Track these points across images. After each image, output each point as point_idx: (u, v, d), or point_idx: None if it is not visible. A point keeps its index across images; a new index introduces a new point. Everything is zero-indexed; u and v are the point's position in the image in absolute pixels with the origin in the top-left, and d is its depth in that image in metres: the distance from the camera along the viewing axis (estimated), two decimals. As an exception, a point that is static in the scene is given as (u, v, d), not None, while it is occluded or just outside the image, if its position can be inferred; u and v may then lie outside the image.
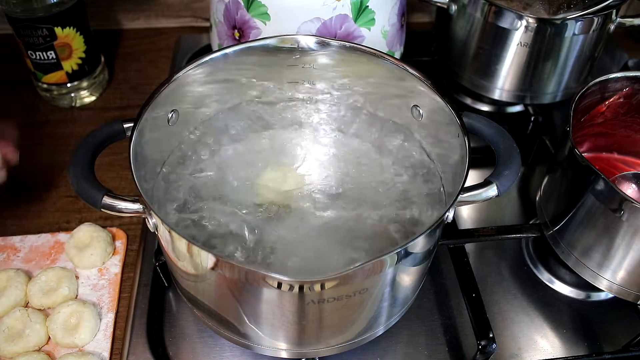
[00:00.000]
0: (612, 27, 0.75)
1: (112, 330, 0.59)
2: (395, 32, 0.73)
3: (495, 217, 0.73)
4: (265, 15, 0.67)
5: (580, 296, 0.65)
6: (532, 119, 0.80)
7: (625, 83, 0.62)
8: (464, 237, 0.66)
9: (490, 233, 0.66)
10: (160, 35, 0.99)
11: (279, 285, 0.42)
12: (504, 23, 0.73)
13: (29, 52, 0.78)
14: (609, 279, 0.58)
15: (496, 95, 0.81)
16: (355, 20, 0.68)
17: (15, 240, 0.66)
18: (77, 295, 0.62)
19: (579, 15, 0.70)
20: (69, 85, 0.83)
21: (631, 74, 0.62)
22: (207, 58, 0.55)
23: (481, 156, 0.67)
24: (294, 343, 0.50)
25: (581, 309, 0.64)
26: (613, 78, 0.61)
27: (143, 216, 0.47)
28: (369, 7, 0.68)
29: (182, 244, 0.45)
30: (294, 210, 0.55)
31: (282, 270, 0.40)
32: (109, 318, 0.60)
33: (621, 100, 0.64)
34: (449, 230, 0.65)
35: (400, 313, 0.55)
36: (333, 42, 0.57)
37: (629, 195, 0.51)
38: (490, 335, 0.56)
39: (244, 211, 0.55)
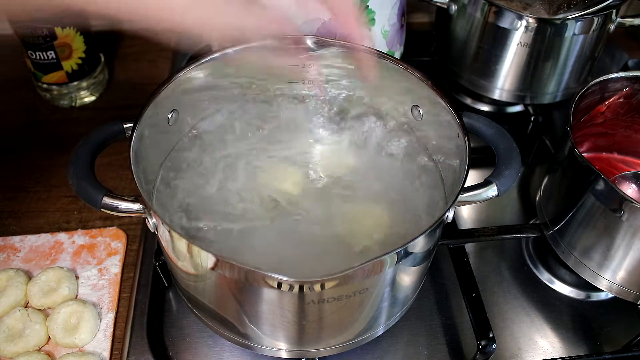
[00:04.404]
0: (612, 27, 0.75)
1: (112, 330, 0.59)
2: (395, 32, 0.73)
3: (495, 217, 0.73)
4: (265, 15, 0.67)
5: (580, 296, 0.65)
6: (532, 119, 0.80)
7: (625, 83, 0.62)
8: (464, 237, 0.66)
9: (490, 233, 0.66)
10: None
11: (279, 285, 0.42)
12: (504, 23, 0.73)
13: (29, 52, 0.78)
14: (609, 279, 0.58)
15: (496, 95, 0.81)
16: (355, 20, 0.68)
17: (15, 240, 0.66)
18: (77, 295, 0.62)
19: (579, 15, 0.70)
20: (69, 85, 0.83)
21: (631, 74, 0.62)
22: (207, 58, 0.55)
23: (481, 156, 0.67)
24: (294, 343, 0.50)
25: (581, 309, 0.64)
26: (613, 78, 0.61)
27: (143, 216, 0.47)
28: (369, 7, 0.68)
29: (182, 244, 0.45)
30: (293, 209, 0.55)
31: (282, 270, 0.40)
32: (109, 318, 0.60)
33: (621, 100, 0.64)
34: (449, 230, 0.65)
35: (400, 313, 0.55)
36: (333, 42, 0.57)
37: (629, 195, 0.51)
38: (490, 335, 0.56)
39: (244, 211, 0.55)
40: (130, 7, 0.43)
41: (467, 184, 0.48)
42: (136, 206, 0.47)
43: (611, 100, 0.64)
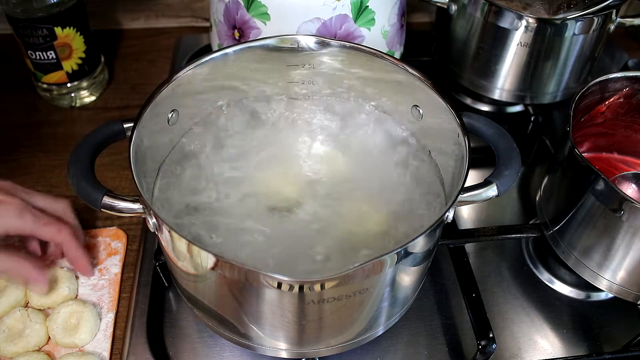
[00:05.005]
0: (612, 27, 0.75)
1: (112, 330, 0.59)
2: (395, 32, 0.73)
3: (495, 217, 0.73)
4: (265, 15, 0.67)
5: (580, 296, 0.65)
6: (532, 119, 0.80)
7: (625, 83, 0.62)
8: (464, 237, 0.66)
9: (490, 233, 0.66)
10: (160, 35, 0.99)
11: (279, 285, 0.42)
12: (504, 23, 0.73)
13: (29, 52, 0.78)
14: (609, 279, 0.58)
15: (496, 95, 0.81)
16: (355, 20, 0.68)
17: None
18: (77, 295, 0.62)
19: (579, 15, 0.70)
20: (69, 85, 0.83)
21: (631, 74, 0.62)
22: (207, 58, 0.55)
23: (481, 156, 0.67)
24: (294, 343, 0.50)
25: (581, 309, 0.64)
26: (613, 78, 0.61)
27: (143, 216, 0.47)
28: (369, 7, 0.68)
29: (182, 244, 0.45)
30: (294, 210, 0.55)
31: (282, 270, 0.40)
32: (109, 318, 0.60)
33: (621, 100, 0.64)
34: (449, 230, 0.65)
35: (400, 313, 0.55)
36: (333, 42, 0.57)
37: (629, 195, 0.51)
38: (490, 335, 0.56)
39: (243, 211, 0.55)
40: None
41: (467, 184, 0.48)
42: (136, 206, 0.47)
43: (611, 100, 0.64)
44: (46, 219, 0.56)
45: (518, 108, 0.87)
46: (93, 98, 0.86)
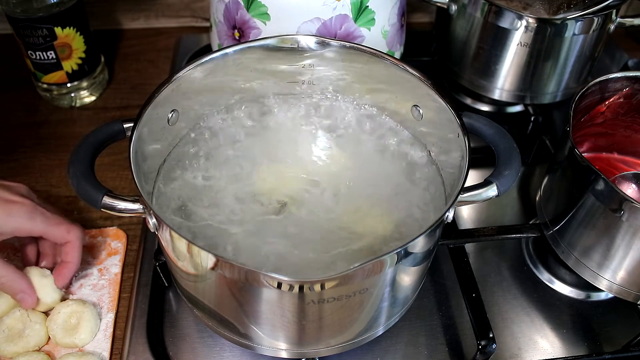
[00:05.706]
0: (612, 27, 0.75)
1: (112, 330, 0.59)
2: (395, 32, 0.73)
3: (495, 217, 0.73)
4: (265, 15, 0.67)
5: (580, 296, 0.65)
6: (532, 119, 0.80)
7: (625, 83, 0.62)
8: (464, 237, 0.66)
9: (490, 233, 0.66)
10: (160, 35, 0.99)
11: (279, 285, 0.42)
12: (504, 23, 0.73)
13: (29, 52, 0.78)
14: (609, 279, 0.58)
15: (496, 95, 0.81)
16: (355, 20, 0.68)
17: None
18: (68, 290, 0.61)
19: (579, 15, 0.70)
20: (69, 85, 0.83)
21: (631, 74, 0.62)
22: (207, 58, 0.55)
23: (481, 156, 0.67)
24: (294, 343, 0.50)
25: (581, 309, 0.64)
26: (613, 78, 0.61)
27: (143, 216, 0.47)
28: (369, 7, 0.68)
29: (182, 244, 0.45)
30: (292, 209, 0.55)
31: (282, 270, 0.40)
32: (109, 318, 0.60)
33: (621, 100, 0.64)
34: (449, 230, 0.65)
35: (400, 313, 0.55)
36: (333, 42, 0.57)
37: (629, 195, 0.51)
38: (490, 335, 0.56)
39: (243, 211, 0.55)
40: None
41: (467, 184, 0.48)
42: (136, 206, 0.47)
43: (611, 100, 0.64)
44: (57, 219, 0.56)
45: (518, 108, 0.87)
46: (93, 98, 0.86)
